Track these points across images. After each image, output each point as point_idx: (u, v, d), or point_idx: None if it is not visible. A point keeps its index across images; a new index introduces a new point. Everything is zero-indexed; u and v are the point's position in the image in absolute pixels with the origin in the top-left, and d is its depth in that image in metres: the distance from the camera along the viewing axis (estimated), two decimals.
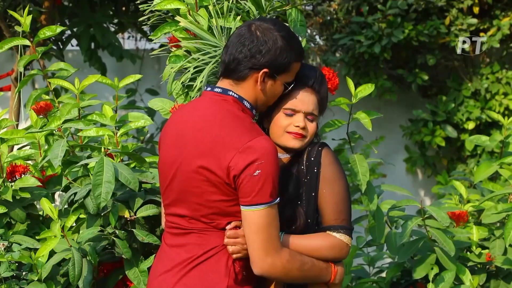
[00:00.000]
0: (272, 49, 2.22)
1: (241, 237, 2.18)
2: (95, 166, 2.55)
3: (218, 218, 2.19)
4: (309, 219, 2.33)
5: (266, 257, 2.14)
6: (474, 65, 6.54)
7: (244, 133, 2.15)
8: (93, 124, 2.86)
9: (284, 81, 2.27)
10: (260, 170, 2.11)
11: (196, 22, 2.62)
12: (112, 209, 2.63)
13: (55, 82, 3.12)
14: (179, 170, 2.22)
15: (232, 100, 2.23)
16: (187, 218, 2.22)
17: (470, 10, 6.21)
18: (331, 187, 2.32)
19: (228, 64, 2.23)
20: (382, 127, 6.66)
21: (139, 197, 2.67)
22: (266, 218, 2.13)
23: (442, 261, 2.92)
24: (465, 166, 6.34)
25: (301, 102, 2.34)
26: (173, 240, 2.26)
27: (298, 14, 2.74)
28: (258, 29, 2.22)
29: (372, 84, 2.93)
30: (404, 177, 6.86)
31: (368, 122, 2.91)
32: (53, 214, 2.58)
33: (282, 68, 2.25)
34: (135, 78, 3.10)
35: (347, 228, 2.31)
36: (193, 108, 2.27)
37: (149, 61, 7.05)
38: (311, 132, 2.36)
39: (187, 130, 2.22)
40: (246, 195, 2.13)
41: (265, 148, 2.13)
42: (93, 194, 2.54)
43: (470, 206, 3.28)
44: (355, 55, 6.33)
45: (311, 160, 2.34)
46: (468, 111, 6.32)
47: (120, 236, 2.63)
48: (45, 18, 5.12)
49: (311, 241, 2.28)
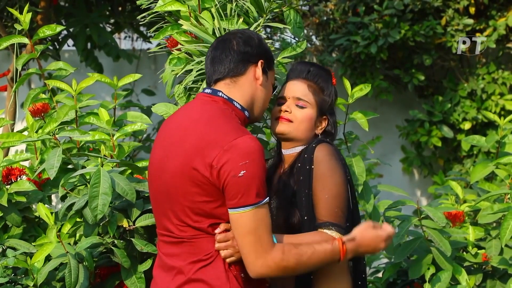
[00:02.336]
0: (261, 41, 2.25)
1: (231, 240, 2.14)
2: (92, 178, 2.52)
3: (204, 221, 2.14)
4: (305, 217, 2.30)
5: (257, 260, 2.08)
6: (470, 65, 6.56)
7: (230, 131, 2.11)
8: (88, 133, 2.82)
9: (271, 81, 2.29)
10: (245, 170, 2.06)
11: (198, 25, 2.60)
12: (111, 219, 2.61)
13: (52, 83, 3.11)
14: (164, 171, 2.19)
15: (222, 101, 2.21)
16: (176, 225, 2.19)
17: (466, 10, 6.23)
18: (323, 183, 2.29)
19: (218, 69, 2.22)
20: (378, 127, 6.67)
21: (138, 206, 2.65)
22: (254, 220, 2.08)
23: (438, 261, 2.93)
24: (461, 166, 6.35)
25: (289, 90, 2.40)
26: (167, 249, 2.23)
27: (296, 16, 2.74)
28: (234, 36, 2.24)
29: (368, 84, 2.94)
30: (400, 177, 6.88)
31: (365, 122, 2.92)
32: (49, 220, 2.55)
33: (271, 64, 2.27)
34: (134, 77, 3.09)
35: (339, 225, 2.27)
36: (183, 110, 2.27)
37: (146, 61, 7.05)
38: (301, 118, 2.36)
39: (173, 130, 2.21)
40: (232, 197, 2.08)
41: (250, 147, 2.08)
42: (90, 206, 2.51)
43: (467, 206, 3.29)
44: (351, 56, 6.34)
45: (305, 157, 2.33)
46: (464, 111, 6.33)
47: (118, 245, 2.61)
48: (41, 18, 5.12)
49: (302, 239, 2.23)
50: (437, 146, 6.49)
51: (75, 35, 5.69)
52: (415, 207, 2.95)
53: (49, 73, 5.05)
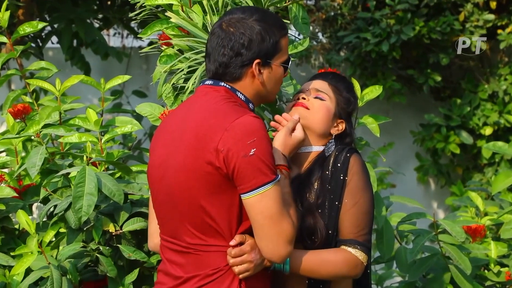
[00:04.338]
0: (253, 37, 2.24)
1: (247, 253, 2.16)
2: (76, 177, 2.54)
3: (207, 228, 2.16)
4: (330, 230, 2.32)
5: (288, 245, 2.12)
6: (491, 65, 6.56)
7: (230, 112, 2.15)
8: (75, 130, 2.85)
9: (280, 62, 2.30)
10: (255, 148, 2.09)
11: (189, 19, 2.62)
12: (96, 223, 2.62)
13: (34, 83, 3.10)
14: (167, 170, 2.21)
15: (224, 91, 2.24)
16: (180, 230, 2.20)
17: (487, 5, 6.23)
18: (354, 198, 2.32)
19: (216, 71, 2.25)
20: (390, 132, 6.67)
21: (125, 209, 2.66)
22: (277, 198, 2.11)
23: (457, 280, 2.92)
24: (482, 176, 6.35)
25: (307, 84, 2.47)
26: (171, 256, 2.24)
27: (301, 11, 2.75)
28: (230, 25, 2.25)
29: (379, 85, 2.95)
30: (415, 187, 6.87)
31: (376, 127, 2.92)
32: (30, 228, 2.56)
33: (272, 51, 2.27)
34: (124, 79, 3.08)
35: (365, 245, 2.31)
36: (182, 105, 2.30)
37: (137, 60, 7.06)
38: (318, 107, 2.40)
39: (174, 126, 2.24)
40: (248, 178, 2.10)
41: (254, 125, 2.12)
42: (73, 207, 2.53)
43: (488, 219, 3.29)
44: (361, 54, 6.34)
45: (338, 166, 2.34)
46: (485, 115, 6.33)
47: (104, 252, 2.61)
48: (22, 13, 5.12)
49: (323, 254, 2.27)
50: (455, 154, 6.48)
51: (59, 31, 5.69)
52: (431, 221, 2.95)
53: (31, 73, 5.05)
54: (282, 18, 2.59)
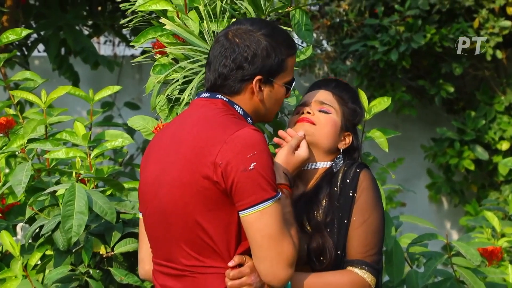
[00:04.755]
0: (258, 52, 2.25)
1: (247, 276, 2.16)
2: (65, 194, 2.54)
3: (204, 248, 2.16)
4: (339, 251, 2.32)
5: (288, 268, 2.12)
6: (507, 75, 6.57)
7: (229, 125, 2.16)
8: (62, 144, 2.85)
9: (283, 82, 2.30)
10: (255, 162, 2.10)
11: (184, 26, 2.63)
12: (85, 244, 2.61)
13: (18, 94, 3.11)
14: (160, 186, 2.21)
15: (221, 103, 2.25)
16: (175, 252, 2.20)
17: (503, 10, 6.26)
18: (363, 215, 2.32)
19: (215, 82, 2.26)
20: (400, 147, 6.68)
21: (117, 230, 2.65)
22: (277, 216, 2.11)
23: None
24: (498, 194, 6.34)
25: (310, 96, 2.47)
26: (164, 281, 2.24)
27: (303, 17, 2.76)
28: (236, 35, 2.26)
29: (388, 97, 2.94)
30: (426, 206, 6.87)
31: (384, 142, 2.92)
32: (15, 250, 2.56)
33: (276, 69, 2.28)
34: (114, 90, 3.09)
35: (373, 266, 2.30)
36: (177, 119, 2.31)
37: (129, 70, 7.08)
38: (325, 121, 2.40)
39: (168, 140, 2.25)
40: (247, 194, 2.10)
41: (254, 138, 2.13)
42: (62, 227, 2.52)
43: (505, 241, 3.29)
44: (368, 64, 6.36)
45: (347, 182, 2.35)
46: (502, 128, 6.34)
47: (94, 276, 2.61)
48: (7, 19, 5.14)
49: (327, 277, 2.27)
50: (470, 170, 6.48)
51: (46, 39, 5.71)
52: (444, 242, 2.94)
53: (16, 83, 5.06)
54: (284, 25, 2.60)
